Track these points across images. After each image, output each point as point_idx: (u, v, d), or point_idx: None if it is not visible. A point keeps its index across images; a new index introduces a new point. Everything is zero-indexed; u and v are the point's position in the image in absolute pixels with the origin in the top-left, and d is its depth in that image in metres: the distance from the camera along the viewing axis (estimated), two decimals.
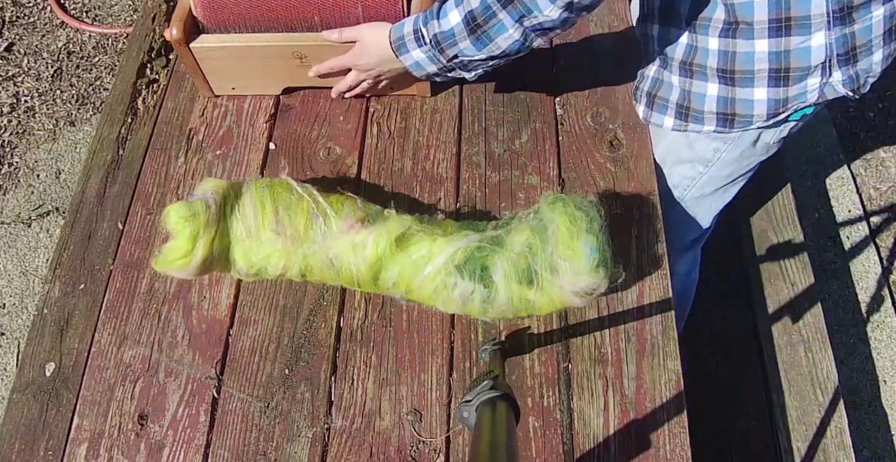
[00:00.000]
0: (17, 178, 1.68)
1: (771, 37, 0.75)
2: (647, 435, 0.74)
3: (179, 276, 0.76)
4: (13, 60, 1.84)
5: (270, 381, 0.79)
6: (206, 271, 0.76)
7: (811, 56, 0.76)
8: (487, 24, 0.73)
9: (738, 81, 0.80)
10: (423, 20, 0.78)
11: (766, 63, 0.77)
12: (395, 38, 0.80)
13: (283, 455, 0.75)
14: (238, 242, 0.76)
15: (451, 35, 0.76)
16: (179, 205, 0.74)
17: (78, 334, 0.84)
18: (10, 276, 1.56)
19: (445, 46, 0.77)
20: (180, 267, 0.74)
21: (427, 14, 0.78)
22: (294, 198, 0.78)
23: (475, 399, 0.53)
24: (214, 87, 1.00)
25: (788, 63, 0.76)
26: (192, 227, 0.73)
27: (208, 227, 0.73)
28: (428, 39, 0.77)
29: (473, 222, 0.80)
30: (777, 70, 0.77)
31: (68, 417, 0.79)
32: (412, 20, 0.79)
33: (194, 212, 0.73)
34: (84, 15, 1.90)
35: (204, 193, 0.76)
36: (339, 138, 0.96)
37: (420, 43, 0.79)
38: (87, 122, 1.74)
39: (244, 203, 0.77)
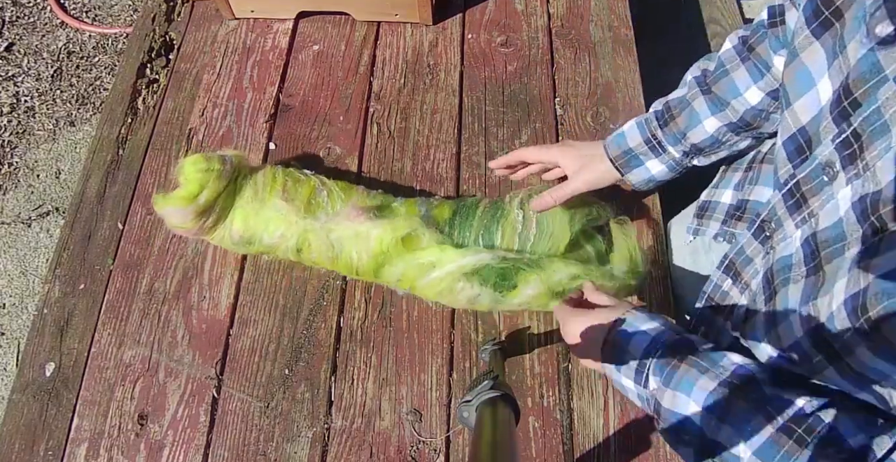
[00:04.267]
0: (17, 178, 1.68)
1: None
2: (647, 435, 0.74)
3: (175, 220, 0.77)
4: (13, 60, 1.84)
5: (270, 381, 0.79)
6: (202, 223, 0.77)
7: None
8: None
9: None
10: (656, 366, 0.56)
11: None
12: (615, 341, 0.59)
13: (283, 455, 0.75)
14: (241, 205, 0.78)
15: (678, 423, 0.53)
16: (197, 156, 0.77)
17: (78, 334, 0.84)
18: (10, 276, 1.56)
19: (662, 419, 0.55)
20: (181, 205, 0.75)
21: (665, 355, 0.55)
22: (304, 176, 0.82)
23: (475, 399, 0.53)
24: (235, 9, 1.05)
25: None
26: (204, 177, 0.75)
27: (219, 179, 0.76)
28: (650, 390, 0.56)
29: (465, 199, 0.82)
30: None
31: (68, 417, 0.79)
32: (641, 341, 0.57)
33: (210, 163, 0.76)
34: (84, 15, 1.90)
35: (223, 153, 0.79)
36: (339, 138, 0.96)
37: (640, 381, 0.57)
38: (87, 122, 1.74)
39: (257, 172, 0.81)
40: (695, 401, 0.51)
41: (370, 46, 1.04)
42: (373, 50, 1.04)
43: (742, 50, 0.68)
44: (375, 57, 1.04)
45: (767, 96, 0.67)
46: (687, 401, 0.52)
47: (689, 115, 0.71)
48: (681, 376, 0.53)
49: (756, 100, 0.67)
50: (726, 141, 0.72)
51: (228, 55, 1.05)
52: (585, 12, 1.07)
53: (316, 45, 1.05)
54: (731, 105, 0.69)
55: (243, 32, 1.07)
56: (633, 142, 0.74)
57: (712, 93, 0.70)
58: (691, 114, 0.71)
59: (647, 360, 0.56)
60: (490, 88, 0.99)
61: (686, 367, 0.53)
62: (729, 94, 0.69)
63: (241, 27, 1.07)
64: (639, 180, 0.77)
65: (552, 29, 1.05)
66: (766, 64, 0.66)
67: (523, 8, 1.07)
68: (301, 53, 1.05)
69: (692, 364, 0.53)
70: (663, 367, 0.54)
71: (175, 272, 0.86)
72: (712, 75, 0.70)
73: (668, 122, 0.72)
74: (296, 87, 1.01)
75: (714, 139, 0.71)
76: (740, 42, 0.68)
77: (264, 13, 1.07)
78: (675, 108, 0.72)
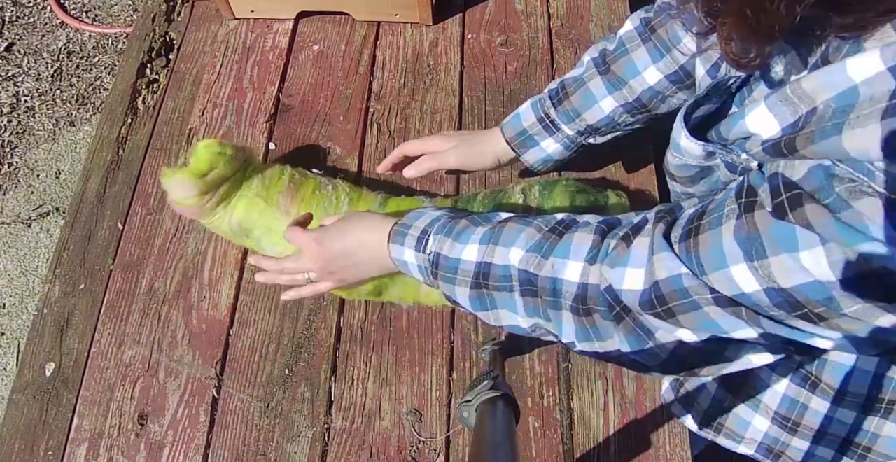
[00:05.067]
0: (17, 178, 1.68)
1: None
2: (647, 435, 0.74)
3: (179, 193, 0.76)
4: (13, 60, 1.84)
5: (270, 381, 0.79)
6: (205, 201, 0.77)
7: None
8: (498, 293, 0.58)
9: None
10: (440, 226, 0.61)
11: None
12: (401, 224, 0.64)
13: (283, 455, 0.75)
14: (247, 195, 0.79)
15: (454, 270, 0.59)
16: (212, 140, 0.78)
17: (78, 334, 0.84)
18: (10, 276, 1.56)
19: (440, 275, 0.61)
20: (188, 179, 0.75)
21: (448, 219, 0.62)
22: (310, 175, 0.84)
23: (475, 399, 0.53)
24: (235, 9, 1.05)
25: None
26: (216, 158, 0.76)
27: (229, 164, 0.77)
28: (429, 252, 0.61)
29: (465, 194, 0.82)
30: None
31: (68, 417, 0.79)
32: (429, 215, 0.64)
33: (223, 148, 0.77)
34: (84, 15, 1.90)
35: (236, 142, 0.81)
36: (339, 138, 0.96)
37: (420, 248, 0.62)
38: (87, 122, 1.74)
39: (266, 169, 0.82)
40: (472, 242, 0.59)
41: (370, 46, 1.05)
42: (373, 50, 1.04)
43: (644, 31, 0.68)
44: (375, 57, 1.04)
45: (666, 79, 0.67)
46: (465, 244, 0.59)
47: (585, 94, 0.71)
48: (461, 229, 0.60)
49: (654, 80, 0.68)
50: (621, 121, 0.72)
51: (228, 55, 1.05)
52: (585, 12, 1.07)
53: (316, 45, 1.05)
54: (628, 85, 0.69)
55: (243, 32, 1.07)
56: (527, 122, 0.74)
57: (611, 72, 0.70)
58: (586, 93, 0.71)
59: (430, 228, 0.62)
60: (490, 88, 0.99)
61: (465, 222, 0.61)
62: (627, 74, 0.69)
63: (241, 27, 1.07)
64: (535, 160, 0.76)
65: (552, 29, 1.05)
66: (666, 46, 0.66)
67: (523, 8, 1.07)
68: (301, 53, 1.05)
69: (470, 220, 0.61)
70: (444, 226, 0.61)
71: (175, 272, 0.86)
72: (612, 54, 0.70)
73: (561, 100, 0.72)
74: (296, 87, 1.01)
75: (610, 119, 0.71)
76: (642, 23, 0.68)
77: (264, 13, 1.07)
78: (569, 86, 0.72)
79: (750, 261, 0.40)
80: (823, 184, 0.36)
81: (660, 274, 0.46)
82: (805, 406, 0.61)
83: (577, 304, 0.53)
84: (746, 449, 0.67)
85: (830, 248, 0.35)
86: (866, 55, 0.34)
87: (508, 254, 0.56)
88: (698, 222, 0.46)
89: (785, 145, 0.39)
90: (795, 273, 0.38)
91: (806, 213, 0.36)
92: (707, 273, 0.43)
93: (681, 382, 0.71)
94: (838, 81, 0.35)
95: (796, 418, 0.62)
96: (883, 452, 0.59)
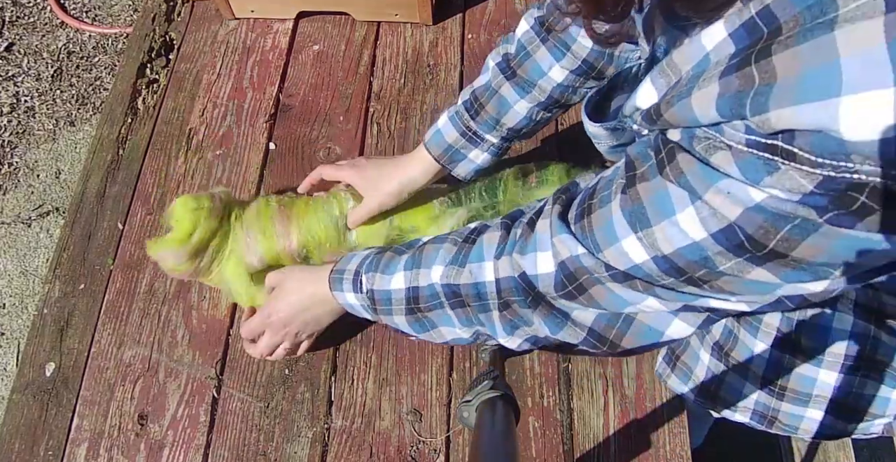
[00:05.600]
0: (17, 178, 1.68)
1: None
2: (647, 435, 0.74)
3: (170, 263, 0.76)
4: (13, 60, 1.83)
5: (270, 381, 0.79)
6: (197, 264, 0.76)
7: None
8: (431, 313, 0.61)
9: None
10: (368, 264, 0.65)
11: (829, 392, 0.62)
12: (337, 270, 0.68)
13: (283, 455, 0.75)
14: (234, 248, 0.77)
15: (388, 301, 0.63)
16: (185, 196, 0.76)
17: (78, 334, 0.84)
18: (10, 276, 1.56)
19: (380, 310, 0.64)
20: (174, 247, 0.74)
21: (376, 255, 0.66)
22: (295, 196, 0.82)
23: (475, 399, 0.53)
24: (235, 9, 1.05)
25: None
26: (195, 215, 0.74)
27: (210, 217, 0.75)
28: (365, 290, 0.65)
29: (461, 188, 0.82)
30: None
31: (68, 417, 0.79)
32: (359, 256, 0.68)
33: (199, 202, 0.75)
34: (84, 15, 1.90)
35: (212, 191, 0.78)
36: (339, 138, 0.96)
37: (357, 289, 0.66)
38: (87, 122, 1.74)
39: (248, 205, 0.80)
40: (398, 271, 0.62)
41: (370, 46, 1.05)
42: (373, 50, 1.04)
43: (540, 31, 0.68)
44: (375, 57, 1.04)
45: (572, 73, 0.68)
46: (392, 275, 0.62)
47: (499, 102, 0.71)
48: (387, 262, 0.64)
49: (561, 77, 0.68)
50: (540, 119, 0.73)
51: (228, 55, 1.05)
52: None
53: (316, 45, 1.05)
54: (537, 86, 0.70)
55: (243, 32, 1.07)
56: (450, 138, 0.74)
57: (517, 76, 0.70)
58: (500, 100, 0.71)
59: (361, 267, 0.65)
60: None
61: (390, 254, 0.65)
62: (534, 75, 0.69)
63: (241, 27, 1.07)
64: (467, 172, 0.77)
65: None
66: (565, 43, 0.67)
67: (523, 8, 1.07)
68: (301, 53, 1.05)
69: (395, 251, 0.65)
70: (372, 263, 0.65)
71: None
72: (515, 59, 0.70)
73: (478, 111, 0.73)
74: (296, 87, 1.01)
75: (528, 119, 0.72)
76: (537, 23, 0.69)
77: (264, 13, 1.07)
78: (481, 96, 0.72)
79: (636, 231, 0.43)
80: (688, 145, 0.39)
81: (562, 254, 0.49)
82: (788, 369, 0.63)
83: (499, 299, 0.56)
84: (742, 416, 0.69)
85: (699, 205, 0.39)
86: (715, 25, 0.37)
87: (430, 273, 0.60)
88: (590, 201, 0.49)
89: (654, 112, 0.42)
90: (675, 237, 0.41)
91: (679, 162, 0.40)
92: (602, 250, 0.46)
93: (676, 355, 0.72)
94: (695, 51, 0.39)
95: (782, 382, 0.63)
96: (874, 413, 0.61)
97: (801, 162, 0.33)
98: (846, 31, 0.31)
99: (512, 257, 0.54)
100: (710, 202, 0.38)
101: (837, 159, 0.32)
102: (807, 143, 0.32)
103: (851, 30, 0.30)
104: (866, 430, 0.64)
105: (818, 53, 0.31)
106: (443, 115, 0.76)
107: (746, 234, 0.38)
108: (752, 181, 0.36)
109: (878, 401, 0.61)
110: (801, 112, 0.32)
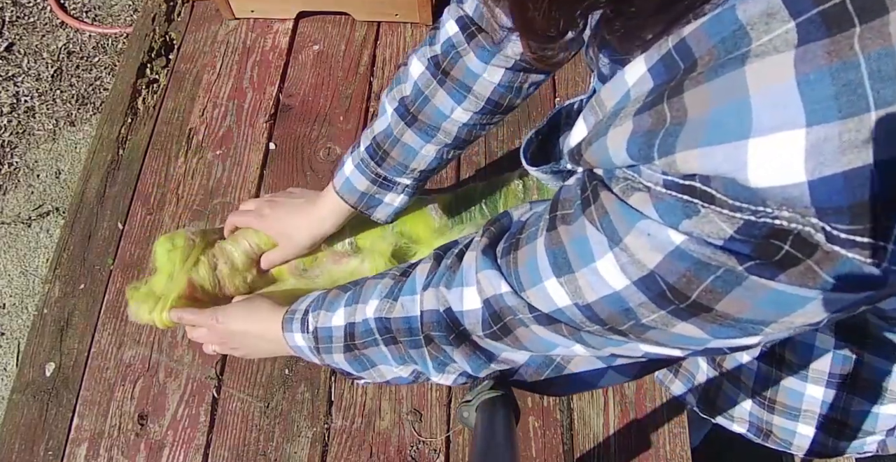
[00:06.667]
0: (17, 178, 1.68)
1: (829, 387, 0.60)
2: (647, 435, 0.74)
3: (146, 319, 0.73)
4: (13, 60, 1.84)
5: (270, 381, 0.79)
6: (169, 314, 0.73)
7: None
8: (367, 349, 0.58)
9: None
10: (316, 302, 0.62)
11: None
12: (290, 310, 0.65)
13: (283, 455, 0.75)
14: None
15: (329, 339, 0.60)
16: (162, 237, 0.74)
17: (78, 334, 0.84)
18: (10, 276, 1.56)
19: (321, 348, 0.61)
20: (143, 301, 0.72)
21: (325, 292, 0.63)
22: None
23: (475, 399, 0.53)
24: (235, 9, 1.05)
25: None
26: (170, 256, 0.72)
27: (185, 251, 0.73)
28: (311, 329, 0.62)
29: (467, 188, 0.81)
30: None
31: (68, 417, 0.79)
32: (312, 295, 0.65)
33: (174, 240, 0.73)
34: (84, 15, 1.90)
35: (188, 229, 0.77)
36: (339, 138, 0.96)
37: (304, 328, 0.63)
38: (87, 122, 1.74)
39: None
40: (339, 307, 0.59)
41: (370, 46, 1.05)
42: (373, 50, 1.04)
43: (436, 72, 0.64)
44: (375, 57, 1.04)
45: (477, 114, 0.65)
46: (334, 311, 0.59)
47: (404, 149, 0.68)
48: (332, 299, 0.61)
49: (466, 118, 0.65)
50: (451, 156, 0.71)
51: (228, 55, 1.05)
52: None
53: (316, 45, 1.05)
54: (441, 128, 0.66)
55: (243, 32, 1.07)
56: (361, 186, 0.71)
57: (419, 121, 0.67)
58: (405, 148, 0.68)
59: (310, 307, 0.62)
60: None
61: (336, 291, 0.62)
62: (436, 120, 0.66)
63: (241, 27, 1.07)
64: (386, 215, 0.75)
65: None
66: (465, 86, 0.63)
67: None
68: (301, 53, 1.05)
69: (342, 288, 0.62)
70: (319, 301, 0.62)
71: None
72: (414, 105, 0.66)
73: (384, 158, 0.69)
74: (296, 87, 1.01)
75: (439, 159, 0.69)
76: (432, 64, 0.64)
77: (264, 13, 1.07)
78: (383, 143, 0.69)
79: (558, 276, 0.40)
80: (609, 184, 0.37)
81: (486, 292, 0.46)
82: (776, 382, 0.61)
83: (422, 334, 0.52)
84: (740, 427, 0.68)
85: (617, 252, 0.36)
86: (637, 60, 0.35)
87: (366, 308, 0.56)
88: (518, 236, 0.45)
89: (576, 152, 0.39)
90: (596, 285, 0.38)
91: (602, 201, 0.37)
92: (525, 289, 0.43)
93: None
94: (619, 87, 0.36)
95: (771, 395, 0.62)
96: (864, 430, 0.60)
97: (721, 205, 0.30)
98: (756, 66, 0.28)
99: (438, 290, 0.51)
100: (629, 247, 0.36)
101: (755, 203, 0.29)
102: (722, 186, 0.30)
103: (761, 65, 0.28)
104: (860, 448, 0.63)
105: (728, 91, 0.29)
106: (347, 162, 0.72)
107: (668, 283, 0.35)
108: (671, 224, 0.33)
109: (867, 417, 0.59)
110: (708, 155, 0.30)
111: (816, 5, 0.27)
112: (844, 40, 0.26)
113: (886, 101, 0.26)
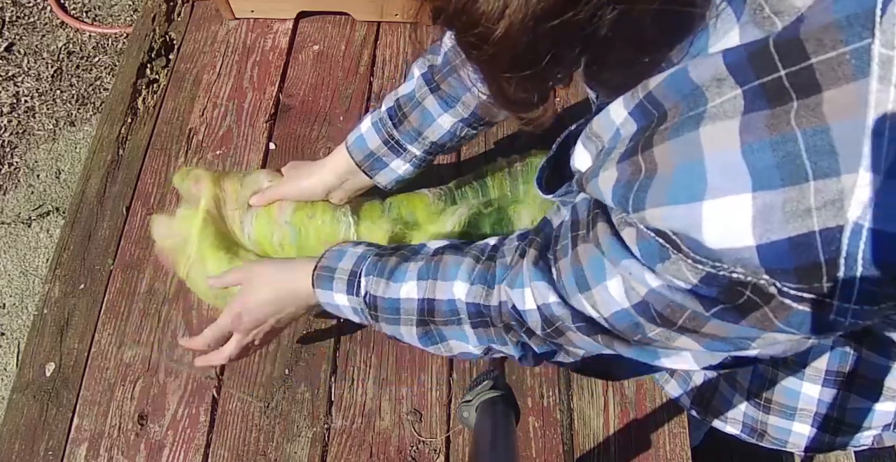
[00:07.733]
0: (17, 178, 1.68)
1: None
2: (647, 435, 0.74)
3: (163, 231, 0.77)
4: (13, 60, 1.83)
5: (270, 381, 0.79)
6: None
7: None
8: (446, 327, 0.57)
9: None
10: (369, 266, 0.60)
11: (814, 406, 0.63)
12: (324, 267, 0.62)
13: (283, 455, 0.75)
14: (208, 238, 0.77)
15: (396, 310, 0.58)
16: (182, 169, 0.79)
17: (78, 334, 0.84)
18: (10, 276, 1.56)
19: (381, 317, 0.60)
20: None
21: (376, 257, 0.61)
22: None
23: (475, 399, 0.53)
24: (235, 9, 1.05)
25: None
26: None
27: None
28: (363, 294, 0.59)
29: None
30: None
31: (68, 417, 0.79)
32: (353, 254, 0.62)
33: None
34: (84, 15, 1.90)
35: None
36: (339, 138, 0.96)
37: (352, 291, 0.60)
38: (87, 122, 1.74)
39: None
40: (408, 279, 0.58)
41: (370, 46, 1.04)
42: (373, 50, 1.04)
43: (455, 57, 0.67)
44: (375, 57, 1.04)
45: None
46: (401, 282, 0.58)
47: (422, 114, 0.70)
48: (393, 267, 0.59)
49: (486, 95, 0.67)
50: (464, 135, 0.72)
51: (228, 55, 1.05)
52: None
53: (316, 45, 1.05)
54: (461, 101, 0.68)
55: (243, 32, 1.07)
56: (372, 144, 0.72)
57: (441, 90, 0.68)
58: (423, 113, 0.70)
59: (358, 268, 0.60)
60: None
61: (395, 259, 0.60)
62: (459, 90, 0.68)
63: (241, 27, 1.07)
64: (388, 181, 0.76)
65: None
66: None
67: None
68: (301, 53, 1.05)
69: (399, 256, 0.60)
70: (374, 266, 0.59)
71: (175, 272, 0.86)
72: (440, 72, 0.68)
73: (402, 120, 0.71)
74: (296, 87, 1.01)
75: (452, 134, 0.71)
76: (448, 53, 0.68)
77: (264, 13, 1.07)
78: (405, 105, 0.71)
79: (581, 292, 0.44)
80: (608, 214, 0.40)
81: (538, 300, 0.49)
82: (773, 382, 0.63)
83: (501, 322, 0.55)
84: (733, 429, 0.69)
85: (620, 277, 0.40)
86: (617, 101, 0.38)
87: (452, 288, 0.56)
88: (555, 248, 0.49)
89: (580, 182, 0.43)
90: (608, 302, 0.42)
91: (598, 231, 0.41)
92: (570, 297, 0.46)
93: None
94: (608, 124, 0.39)
95: (768, 395, 0.64)
96: (860, 426, 0.61)
97: (686, 255, 0.33)
98: (709, 130, 0.30)
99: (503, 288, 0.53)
100: (624, 276, 0.39)
101: (713, 259, 0.32)
102: (685, 241, 0.33)
103: (714, 129, 0.30)
104: (856, 443, 0.65)
105: (686, 151, 0.31)
106: (366, 120, 0.73)
107: (656, 310, 0.38)
108: (649, 266, 0.37)
109: (863, 414, 0.61)
110: (670, 214, 0.32)
111: (757, 77, 0.30)
112: (783, 114, 0.29)
113: (823, 172, 0.28)
